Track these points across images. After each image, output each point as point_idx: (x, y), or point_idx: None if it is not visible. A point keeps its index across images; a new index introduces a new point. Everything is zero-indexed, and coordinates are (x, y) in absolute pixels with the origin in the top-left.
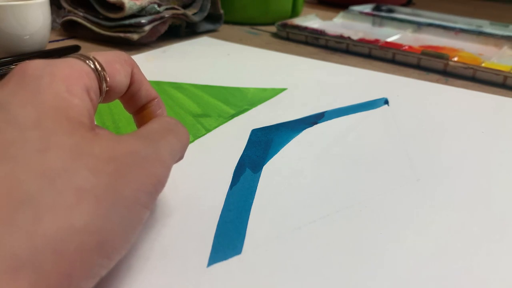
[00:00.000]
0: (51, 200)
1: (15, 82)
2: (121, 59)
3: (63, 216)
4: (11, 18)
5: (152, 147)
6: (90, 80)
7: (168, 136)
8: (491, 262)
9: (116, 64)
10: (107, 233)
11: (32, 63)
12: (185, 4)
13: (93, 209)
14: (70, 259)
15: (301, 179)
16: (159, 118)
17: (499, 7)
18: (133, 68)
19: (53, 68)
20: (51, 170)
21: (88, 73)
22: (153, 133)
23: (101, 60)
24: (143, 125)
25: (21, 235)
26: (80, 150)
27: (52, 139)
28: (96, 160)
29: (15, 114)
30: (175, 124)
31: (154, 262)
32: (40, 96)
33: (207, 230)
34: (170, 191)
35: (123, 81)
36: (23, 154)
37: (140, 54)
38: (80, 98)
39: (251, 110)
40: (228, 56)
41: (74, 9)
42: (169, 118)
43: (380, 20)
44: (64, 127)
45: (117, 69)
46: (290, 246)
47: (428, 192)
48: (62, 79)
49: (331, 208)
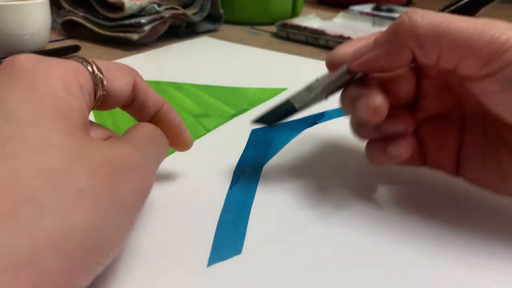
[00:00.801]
0: (52, 199)
1: (7, 74)
2: (122, 68)
3: (64, 215)
4: (11, 18)
5: (142, 153)
6: (85, 81)
7: (154, 143)
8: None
9: (116, 71)
10: (105, 232)
11: (23, 56)
12: (185, 4)
13: (92, 210)
14: (70, 257)
15: (301, 179)
16: (143, 125)
17: (500, 6)
18: (136, 79)
19: (46, 64)
20: (52, 169)
21: (84, 74)
22: (141, 140)
23: (99, 65)
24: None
25: (23, 233)
26: (78, 152)
27: (52, 139)
28: (93, 162)
29: (11, 109)
30: (158, 132)
31: (154, 262)
32: (36, 92)
33: (207, 230)
34: (170, 191)
35: (123, 88)
36: (23, 152)
37: (140, 54)
38: (76, 99)
39: (251, 110)
40: (228, 56)
41: (74, 9)
42: (152, 126)
43: (380, 20)
44: (62, 127)
45: (117, 75)
46: (290, 246)
47: (430, 191)
48: (58, 76)
49: (331, 208)
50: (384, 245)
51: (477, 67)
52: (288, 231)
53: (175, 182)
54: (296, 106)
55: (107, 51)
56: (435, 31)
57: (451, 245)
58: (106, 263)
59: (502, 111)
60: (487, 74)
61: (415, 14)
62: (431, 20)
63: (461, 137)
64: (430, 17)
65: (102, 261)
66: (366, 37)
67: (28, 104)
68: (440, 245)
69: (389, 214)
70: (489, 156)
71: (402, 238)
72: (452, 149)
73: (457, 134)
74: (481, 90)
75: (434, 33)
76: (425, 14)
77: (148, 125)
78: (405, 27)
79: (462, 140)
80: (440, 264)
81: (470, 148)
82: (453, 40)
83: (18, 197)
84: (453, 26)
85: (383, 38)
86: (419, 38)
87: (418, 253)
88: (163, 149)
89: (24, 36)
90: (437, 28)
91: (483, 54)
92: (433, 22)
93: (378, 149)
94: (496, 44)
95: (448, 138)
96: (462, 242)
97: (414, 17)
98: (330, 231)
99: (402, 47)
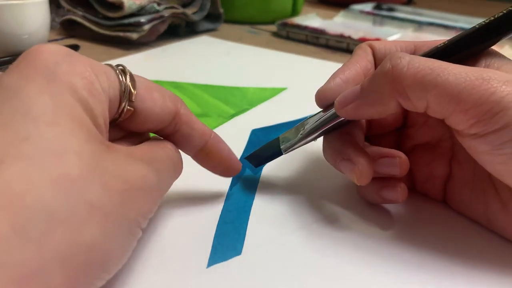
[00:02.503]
0: (64, 211)
1: (27, 65)
2: (165, 93)
3: (74, 230)
4: (10, 18)
5: (158, 176)
6: (109, 86)
7: (171, 167)
8: None
9: (155, 92)
10: (110, 250)
11: (49, 46)
12: (184, 3)
13: (101, 226)
14: (76, 273)
15: (301, 179)
16: (166, 145)
17: (500, 6)
18: (180, 109)
19: (71, 59)
20: (67, 178)
21: (110, 79)
22: (160, 162)
23: (138, 81)
24: (207, 163)
25: (33, 246)
26: (95, 162)
27: (69, 143)
28: (108, 176)
29: (29, 104)
30: (178, 156)
31: (154, 263)
32: (56, 86)
33: (207, 231)
34: (170, 192)
35: (155, 111)
36: (38, 154)
37: (140, 53)
38: (97, 100)
39: (251, 110)
40: (228, 55)
41: (73, 8)
42: (173, 148)
43: (381, 19)
44: (81, 131)
45: (154, 96)
46: (290, 247)
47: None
48: (80, 74)
49: (332, 209)
50: (385, 245)
51: (465, 125)
52: (289, 232)
53: (175, 183)
54: (282, 149)
55: (106, 50)
56: (422, 83)
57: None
58: (108, 279)
59: (491, 169)
60: (476, 134)
61: (400, 62)
62: (417, 71)
63: (449, 168)
64: (417, 65)
65: (105, 277)
66: (356, 67)
67: (47, 99)
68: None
69: (390, 212)
70: (475, 197)
71: (403, 238)
72: (439, 180)
73: (445, 164)
74: (469, 146)
75: (420, 86)
76: (412, 62)
77: (171, 146)
78: (389, 78)
79: (450, 171)
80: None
81: (458, 183)
82: (440, 95)
83: (29, 206)
84: (441, 79)
85: (368, 87)
86: (404, 90)
87: (421, 253)
88: (177, 173)
89: (23, 35)
90: (424, 80)
91: (472, 113)
92: (419, 73)
93: (371, 191)
94: (488, 103)
95: (436, 169)
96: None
97: (399, 67)
98: (331, 231)
99: (387, 98)
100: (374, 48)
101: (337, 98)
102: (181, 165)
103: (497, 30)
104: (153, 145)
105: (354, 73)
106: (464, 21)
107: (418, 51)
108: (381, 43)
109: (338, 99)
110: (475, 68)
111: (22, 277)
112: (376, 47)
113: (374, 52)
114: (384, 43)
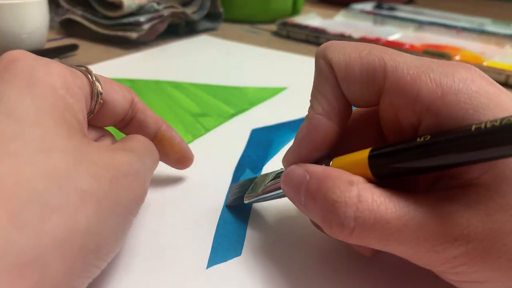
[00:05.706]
0: (57, 199)
1: (4, 70)
2: (120, 84)
3: (69, 216)
4: (9, 17)
5: (141, 161)
6: (82, 84)
7: (149, 153)
8: None
9: (114, 85)
10: (104, 236)
11: (20, 52)
12: (184, 3)
13: (94, 212)
14: (72, 258)
15: None
16: (137, 136)
17: (501, 5)
18: (134, 97)
19: (45, 61)
20: (56, 171)
21: (81, 77)
22: (139, 150)
23: (98, 76)
24: (161, 151)
25: (29, 233)
26: (81, 156)
27: (54, 140)
28: (95, 166)
29: (13, 106)
30: (151, 143)
31: (153, 263)
32: (36, 88)
33: (207, 232)
34: (169, 192)
35: (120, 101)
36: (27, 152)
37: (139, 53)
38: (76, 99)
39: (251, 109)
40: (227, 55)
41: (73, 8)
42: (144, 137)
43: (382, 18)
44: (63, 129)
45: (115, 88)
46: (290, 248)
47: None
48: (57, 74)
49: None
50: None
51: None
52: (289, 232)
53: (174, 183)
54: (245, 200)
55: (105, 50)
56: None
57: None
58: (103, 267)
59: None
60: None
61: (344, 229)
62: (367, 234)
63: None
64: (367, 227)
65: (100, 264)
66: (314, 138)
67: (29, 102)
68: None
69: None
70: None
71: None
72: None
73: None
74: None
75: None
76: (360, 223)
77: (141, 136)
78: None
79: None
80: None
81: None
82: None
83: (23, 196)
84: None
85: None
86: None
87: None
88: (156, 160)
89: (22, 35)
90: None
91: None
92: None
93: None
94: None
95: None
96: None
97: (344, 233)
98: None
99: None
100: (333, 66)
101: (282, 176)
102: (156, 151)
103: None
104: (126, 139)
105: (310, 148)
106: (465, 21)
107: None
108: (342, 58)
109: (283, 178)
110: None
111: (21, 264)
112: (335, 67)
113: (335, 72)
114: (344, 59)
